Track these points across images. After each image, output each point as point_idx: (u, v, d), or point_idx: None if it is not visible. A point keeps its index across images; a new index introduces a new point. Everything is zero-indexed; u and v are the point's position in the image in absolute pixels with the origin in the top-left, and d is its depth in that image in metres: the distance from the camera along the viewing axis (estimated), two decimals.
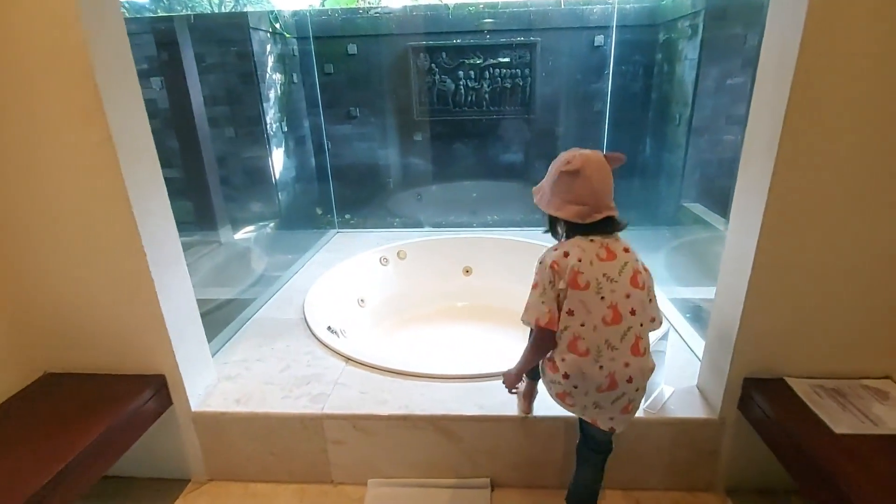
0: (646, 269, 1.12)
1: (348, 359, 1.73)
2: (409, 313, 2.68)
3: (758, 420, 1.30)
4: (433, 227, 3.34)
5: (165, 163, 1.39)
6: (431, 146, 3.37)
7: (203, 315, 1.59)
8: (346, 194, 3.36)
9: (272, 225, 3.00)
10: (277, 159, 2.96)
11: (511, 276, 2.66)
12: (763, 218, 1.16)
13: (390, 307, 2.65)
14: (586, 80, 3.10)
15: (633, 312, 1.06)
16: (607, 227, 1.09)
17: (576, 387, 1.09)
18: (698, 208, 2.93)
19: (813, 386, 1.29)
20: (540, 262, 1.12)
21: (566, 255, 1.07)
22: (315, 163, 3.33)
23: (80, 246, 1.32)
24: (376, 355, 1.73)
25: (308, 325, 1.98)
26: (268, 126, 2.83)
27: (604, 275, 1.05)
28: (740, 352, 1.31)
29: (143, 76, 2.29)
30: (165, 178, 1.41)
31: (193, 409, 1.50)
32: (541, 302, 1.09)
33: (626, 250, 1.09)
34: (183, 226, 1.49)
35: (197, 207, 2.57)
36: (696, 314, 1.99)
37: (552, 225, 1.16)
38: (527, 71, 3.07)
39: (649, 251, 2.75)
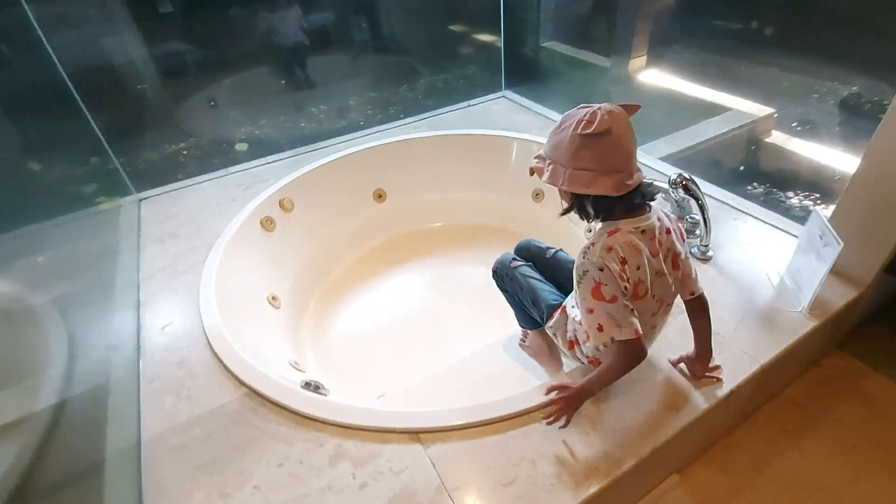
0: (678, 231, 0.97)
1: (417, 432, 0.99)
2: (333, 280, 1.85)
3: None
4: (257, 145, 2.21)
5: None
6: (192, 19, 2.07)
7: None
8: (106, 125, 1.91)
9: None
10: None
11: (435, 183, 2.02)
12: None
13: (309, 287, 1.77)
14: None
15: (673, 294, 1.00)
16: (643, 196, 0.90)
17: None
18: (561, 47, 2.61)
19: None
20: (599, 269, 0.88)
21: (624, 261, 0.88)
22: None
23: None
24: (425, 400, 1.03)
25: (263, 396, 1.07)
26: None
27: (656, 273, 0.93)
28: None
29: None
30: None
31: None
32: (627, 311, 0.89)
33: (668, 231, 0.94)
34: None
35: None
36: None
37: (580, 206, 0.91)
38: None
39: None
